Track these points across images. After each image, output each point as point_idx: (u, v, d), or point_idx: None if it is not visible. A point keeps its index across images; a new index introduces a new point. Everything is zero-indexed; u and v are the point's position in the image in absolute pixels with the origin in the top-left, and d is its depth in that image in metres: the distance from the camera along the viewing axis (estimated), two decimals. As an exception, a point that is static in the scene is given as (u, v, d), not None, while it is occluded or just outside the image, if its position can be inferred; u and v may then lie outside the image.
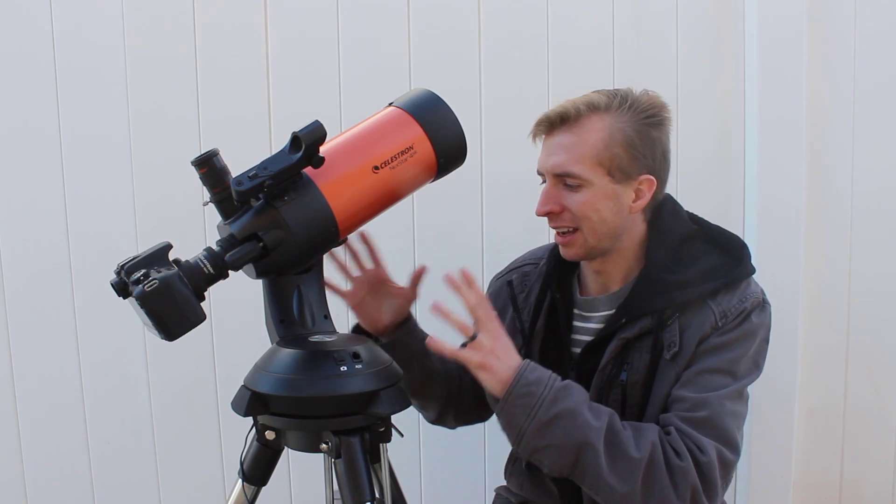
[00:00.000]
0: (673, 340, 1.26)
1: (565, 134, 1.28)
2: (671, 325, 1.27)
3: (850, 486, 2.17)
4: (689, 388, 1.24)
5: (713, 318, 1.26)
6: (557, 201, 1.30)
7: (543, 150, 1.32)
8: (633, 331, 1.29)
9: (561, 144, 1.28)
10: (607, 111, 1.27)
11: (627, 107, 1.28)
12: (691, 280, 1.28)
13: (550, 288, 1.42)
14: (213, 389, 1.92)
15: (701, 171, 2.01)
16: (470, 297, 1.15)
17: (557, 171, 1.28)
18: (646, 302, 1.29)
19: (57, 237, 1.83)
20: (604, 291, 1.38)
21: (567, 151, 1.27)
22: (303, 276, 1.15)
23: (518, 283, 1.48)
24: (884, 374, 2.12)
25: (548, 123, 1.30)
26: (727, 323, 1.26)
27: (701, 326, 1.26)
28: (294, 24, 1.85)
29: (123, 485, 1.93)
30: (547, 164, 1.30)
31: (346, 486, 1.06)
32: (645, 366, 1.28)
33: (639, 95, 1.30)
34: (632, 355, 1.30)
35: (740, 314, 1.27)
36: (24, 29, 1.78)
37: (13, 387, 1.86)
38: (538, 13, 1.93)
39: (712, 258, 1.32)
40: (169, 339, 0.99)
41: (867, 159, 2.04)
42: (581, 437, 1.14)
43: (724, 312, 1.26)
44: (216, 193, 1.06)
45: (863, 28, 2.00)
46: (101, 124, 1.81)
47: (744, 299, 1.28)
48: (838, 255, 2.07)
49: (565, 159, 1.27)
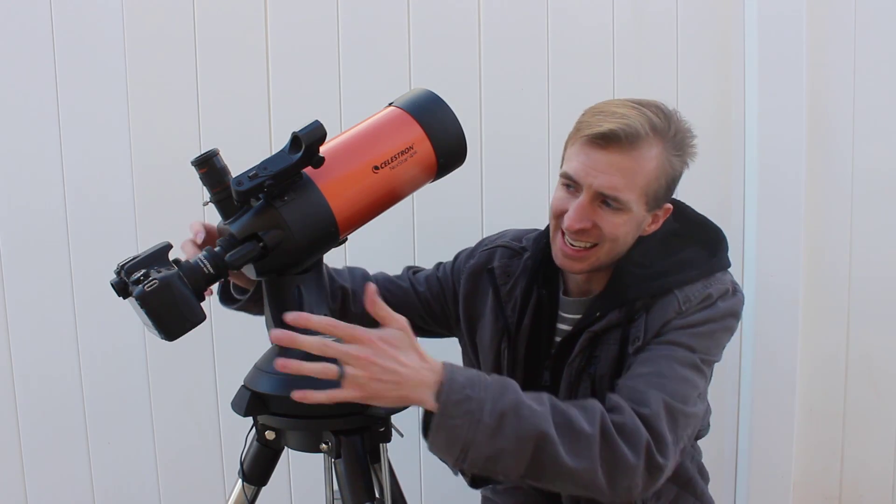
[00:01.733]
0: (638, 335, 1.24)
1: (623, 156, 1.20)
2: (638, 321, 1.25)
3: (850, 486, 2.17)
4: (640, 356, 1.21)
5: (676, 304, 1.23)
6: (591, 218, 1.23)
7: (588, 162, 1.22)
8: (601, 324, 1.27)
9: (618, 166, 1.20)
10: (663, 138, 1.22)
11: (676, 135, 1.24)
12: (663, 271, 1.26)
13: (536, 283, 1.39)
14: (213, 389, 1.92)
15: (701, 168, 1.99)
16: (307, 343, 0.94)
17: (608, 192, 1.21)
18: (618, 295, 1.27)
19: (57, 237, 1.83)
20: (586, 294, 1.37)
21: (623, 176, 1.20)
22: (303, 275, 1.14)
23: (501, 274, 1.42)
24: (884, 374, 2.12)
25: (609, 138, 1.19)
26: (690, 307, 1.23)
27: (664, 312, 1.23)
28: (294, 24, 1.85)
29: (123, 485, 1.93)
30: (596, 181, 1.21)
31: (346, 486, 1.06)
32: (612, 357, 1.26)
33: (676, 118, 1.26)
34: (600, 348, 1.28)
35: (704, 299, 1.24)
36: (25, 29, 1.78)
37: (13, 386, 1.86)
38: (538, 13, 1.93)
39: (688, 252, 1.30)
40: (169, 340, 0.99)
41: (867, 158, 2.04)
42: (533, 430, 1.01)
43: (688, 297, 1.24)
44: (216, 193, 1.06)
45: (862, 26, 2.00)
46: (101, 124, 1.82)
47: (708, 285, 1.25)
48: (838, 254, 2.07)
49: (621, 183, 1.20)
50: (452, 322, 1.50)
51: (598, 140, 1.20)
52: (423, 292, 1.49)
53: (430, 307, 1.49)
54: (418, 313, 1.49)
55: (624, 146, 1.20)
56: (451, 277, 1.49)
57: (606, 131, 1.19)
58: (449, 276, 1.50)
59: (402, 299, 1.48)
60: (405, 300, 1.48)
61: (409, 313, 1.46)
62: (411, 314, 1.46)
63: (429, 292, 1.49)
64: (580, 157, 1.23)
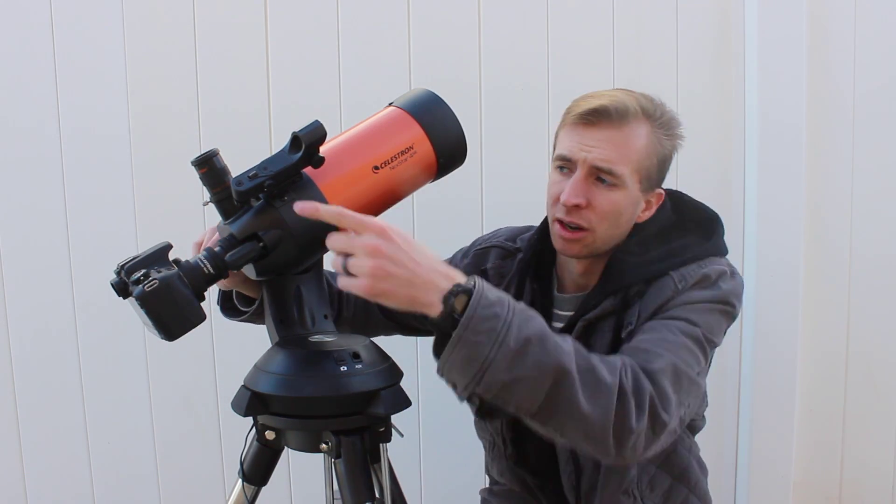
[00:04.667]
0: (631, 320, 1.23)
1: (614, 130, 1.22)
2: (633, 307, 1.24)
3: (850, 486, 2.17)
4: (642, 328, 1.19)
5: (672, 284, 1.22)
6: (586, 195, 1.24)
7: (580, 139, 1.24)
8: (596, 312, 1.27)
9: (609, 139, 1.22)
10: (651, 118, 1.25)
11: (662, 116, 1.26)
12: (658, 256, 1.26)
13: (528, 277, 1.38)
14: (213, 389, 1.92)
15: (701, 171, 2.01)
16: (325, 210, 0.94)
17: (602, 165, 1.22)
18: (612, 282, 1.27)
19: (57, 237, 1.83)
20: (582, 290, 1.36)
21: (616, 149, 1.22)
22: (302, 276, 1.15)
23: (494, 275, 1.42)
24: (884, 374, 2.12)
25: (600, 113, 1.21)
26: (686, 285, 1.22)
27: (660, 294, 1.22)
28: (294, 24, 1.85)
29: (123, 485, 1.93)
30: (590, 155, 1.22)
31: (346, 486, 1.06)
32: (606, 345, 1.26)
33: (668, 108, 1.29)
34: (594, 337, 1.28)
35: (702, 279, 1.22)
36: (24, 29, 1.78)
37: (13, 386, 1.86)
38: (538, 14, 1.93)
39: (685, 240, 1.29)
40: (169, 339, 0.98)
41: (867, 159, 2.04)
42: (555, 363, 0.96)
43: (683, 276, 1.23)
44: (216, 193, 1.06)
45: (863, 29, 2.00)
46: (101, 124, 1.82)
47: (704, 266, 1.24)
48: (838, 255, 2.07)
49: (614, 156, 1.22)
50: None
51: (589, 116, 1.22)
52: None
53: None
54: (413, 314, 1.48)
55: (614, 121, 1.22)
56: None
57: (597, 106, 1.22)
58: None
59: None
60: None
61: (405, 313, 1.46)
62: (406, 314, 1.46)
63: None
64: (572, 137, 1.25)
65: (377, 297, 0.93)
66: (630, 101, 1.23)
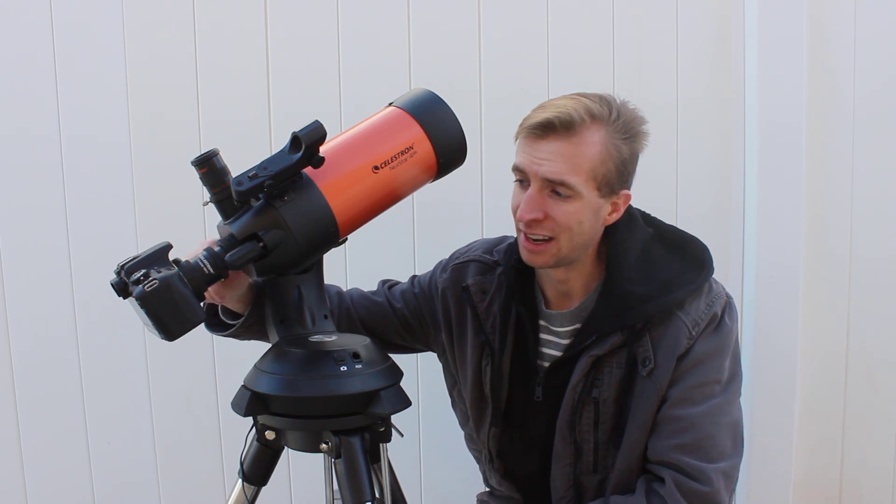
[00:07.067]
0: (647, 356, 1.27)
1: (563, 142, 1.22)
2: (643, 340, 1.27)
3: (850, 486, 2.17)
4: (679, 407, 1.25)
5: (686, 330, 1.26)
6: (542, 208, 1.24)
7: (532, 152, 1.24)
8: (605, 347, 1.28)
9: (559, 152, 1.22)
10: (604, 122, 1.24)
11: (619, 119, 1.25)
12: (656, 292, 1.28)
13: (514, 300, 1.38)
14: (213, 389, 1.92)
15: (701, 175, 2.01)
16: None
17: (553, 178, 1.23)
18: (615, 319, 1.28)
19: (57, 237, 1.83)
20: (567, 303, 1.36)
21: (566, 161, 1.22)
22: (303, 276, 1.15)
23: (476, 291, 1.40)
24: (884, 374, 2.12)
25: (546, 127, 1.22)
26: (700, 330, 1.27)
27: (676, 341, 1.26)
28: (294, 25, 1.85)
29: (123, 485, 1.93)
30: (541, 169, 1.23)
31: (346, 486, 1.06)
32: (617, 381, 1.28)
33: (622, 106, 1.27)
34: (602, 371, 1.29)
35: (712, 320, 1.28)
36: (24, 29, 1.78)
37: (13, 387, 1.86)
38: (538, 14, 1.93)
39: (674, 265, 1.31)
40: (169, 339, 0.99)
41: (867, 161, 2.04)
42: None
43: (696, 321, 1.27)
44: (216, 193, 1.06)
45: (863, 31, 2.00)
46: (101, 125, 1.81)
47: (711, 303, 1.29)
48: (838, 256, 2.07)
49: (564, 168, 1.22)
50: (431, 338, 1.48)
51: (537, 130, 1.24)
52: (400, 308, 1.47)
53: (408, 323, 1.47)
54: (395, 330, 1.47)
55: (560, 133, 1.22)
56: (429, 292, 1.47)
57: (542, 120, 1.23)
58: (426, 290, 1.48)
59: (378, 316, 1.46)
60: (382, 317, 1.46)
61: (387, 330, 1.47)
62: (388, 331, 1.47)
63: (406, 308, 1.47)
64: (524, 150, 1.26)
65: None
66: (577, 110, 1.22)
